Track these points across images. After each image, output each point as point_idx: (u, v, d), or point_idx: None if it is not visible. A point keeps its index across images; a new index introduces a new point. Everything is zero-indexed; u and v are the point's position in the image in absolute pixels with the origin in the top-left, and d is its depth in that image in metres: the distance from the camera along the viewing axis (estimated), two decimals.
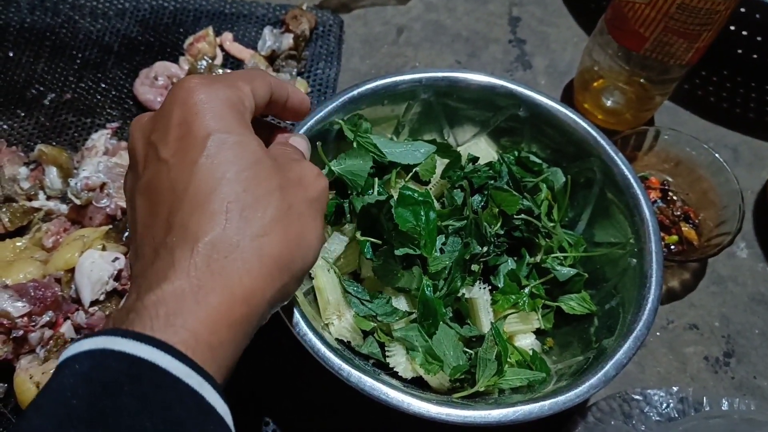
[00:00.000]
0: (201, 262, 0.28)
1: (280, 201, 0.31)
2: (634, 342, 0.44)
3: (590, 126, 0.53)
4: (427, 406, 0.41)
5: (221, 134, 0.30)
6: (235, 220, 0.29)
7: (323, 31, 0.73)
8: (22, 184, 0.58)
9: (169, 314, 0.26)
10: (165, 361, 0.25)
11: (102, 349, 0.25)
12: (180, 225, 0.29)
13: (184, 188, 0.29)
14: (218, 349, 0.27)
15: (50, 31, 0.71)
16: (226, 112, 0.31)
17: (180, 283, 0.27)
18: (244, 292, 0.28)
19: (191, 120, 0.30)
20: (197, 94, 0.31)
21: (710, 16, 0.54)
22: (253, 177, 0.30)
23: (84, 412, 0.23)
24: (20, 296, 0.49)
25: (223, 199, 0.29)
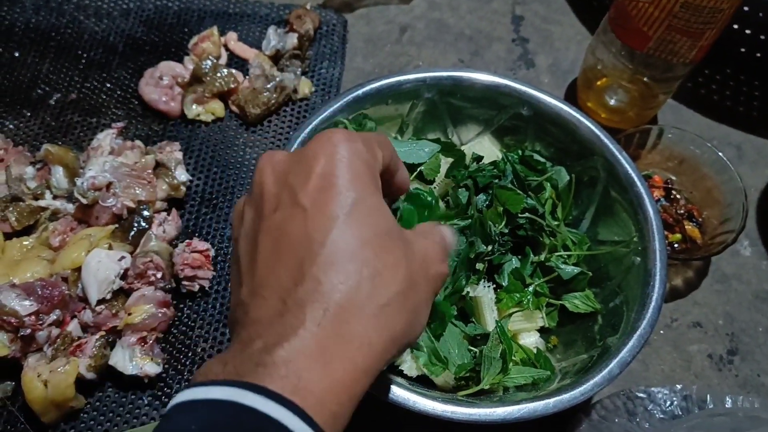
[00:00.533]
0: (330, 325, 0.27)
1: (405, 274, 0.30)
2: (638, 340, 0.44)
3: (594, 124, 0.53)
4: (433, 404, 0.41)
5: (362, 195, 0.30)
6: (367, 286, 0.28)
7: (327, 30, 0.73)
8: (28, 183, 0.58)
9: (299, 376, 0.26)
10: (295, 424, 0.24)
11: (232, 402, 0.25)
12: (313, 278, 0.28)
13: (321, 241, 0.29)
14: (338, 419, 0.27)
15: (55, 31, 0.71)
16: (366, 175, 0.31)
17: (309, 344, 0.27)
18: (365, 363, 0.28)
19: (335, 174, 0.30)
20: (343, 150, 0.31)
21: (714, 14, 0.54)
22: (385, 245, 0.30)
23: None
24: (28, 295, 0.49)
25: (360, 261, 0.29)
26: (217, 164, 0.63)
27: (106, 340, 0.51)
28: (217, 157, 0.63)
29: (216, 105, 0.65)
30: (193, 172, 0.62)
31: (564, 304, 0.51)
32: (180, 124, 0.66)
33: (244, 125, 0.66)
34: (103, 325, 0.51)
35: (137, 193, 0.56)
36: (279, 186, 0.31)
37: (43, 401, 0.48)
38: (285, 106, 0.67)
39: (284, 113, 0.67)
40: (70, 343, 0.50)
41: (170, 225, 0.57)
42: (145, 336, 0.51)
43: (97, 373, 0.50)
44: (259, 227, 0.31)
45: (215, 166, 0.63)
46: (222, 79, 0.65)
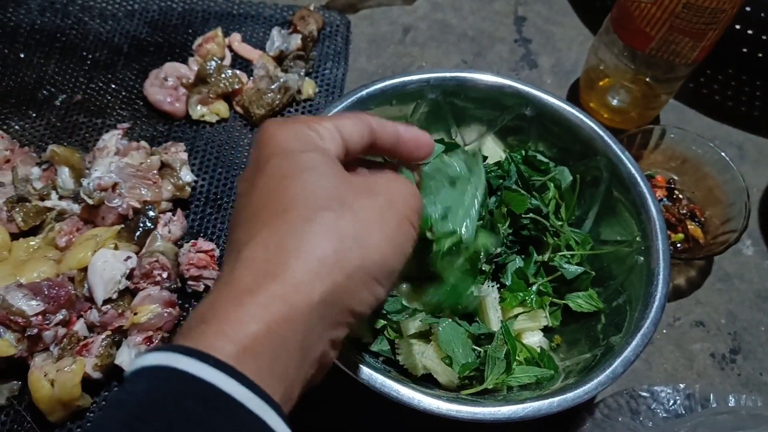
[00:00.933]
0: (242, 267, 0.28)
1: (333, 202, 0.30)
2: (641, 339, 0.44)
3: (596, 125, 0.54)
4: (437, 403, 0.41)
5: (280, 155, 0.31)
6: (281, 224, 0.29)
7: (330, 31, 0.74)
8: (34, 184, 0.58)
9: (207, 321, 0.26)
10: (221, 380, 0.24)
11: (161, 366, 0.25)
12: (234, 240, 0.30)
13: (244, 207, 0.31)
14: (256, 352, 0.26)
15: (60, 32, 0.72)
16: (290, 140, 0.32)
17: (218, 290, 0.28)
18: (282, 289, 0.27)
19: (260, 151, 0.32)
20: (269, 130, 0.32)
21: (716, 15, 0.54)
22: (304, 184, 0.30)
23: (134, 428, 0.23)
24: (34, 295, 0.49)
25: (272, 208, 0.29)
26: (222, 165, 0.63)
27: (113, 340, 0.51)
28: (222, 158, 0.64)
29: (220, 106, 0.66)
30: (198, 173, 0.63)
31: (567, 303, 0.51)
32: (185, 124, 0.66)
33: (248, 126, 0.66)
34: (109, 325, 0.52)
35: (143, 193, 0.57)
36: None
37: (50, 400, 0.48)
38: (289, 106, 0.68)
39: (288, 114, 0.67)
40: (76, 343, 0.51)
41: (175, 225, 0.57)
42: (151, 335, 0.52)
43: (103, 373, 0.50)
44: None
45: (220, 166, 0.63)
46: (226, 80, 0.65)
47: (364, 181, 0.33)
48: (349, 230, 0.29)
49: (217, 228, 0.60)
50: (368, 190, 0.32)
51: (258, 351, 0.26)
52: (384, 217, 0.31)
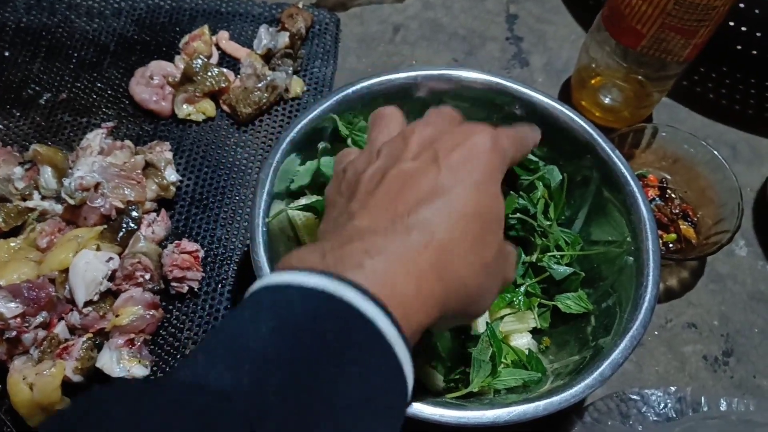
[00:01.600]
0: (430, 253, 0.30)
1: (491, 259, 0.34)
2: (630, 341, 0.44)
3: (587, 124, 0.53)
4: (421, 407, 0.40)
5: (489, 181, 0.34)
6: (466, 245, 0.32)
7: (319, 29, 0.73)
8: (16, 183, 0.57)
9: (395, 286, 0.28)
10: (387, 327, 0.27)
11: (330, 294, 0.26)
12: (425, 216, 0.32)
13: (441, 193, 0.32)
14: (415, 336, 0.29)
15: (46, 30, 0.71)
16: (498, 167, 0.35)
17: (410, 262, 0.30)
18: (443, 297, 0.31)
19: (477, 155, 0.34)
20: (491, 140, 0.35)
21: (708, 12, 0.53)
22: (489, 225, 0.34)
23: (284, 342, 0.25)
24: (14, 297, 0.48)
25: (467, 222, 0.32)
26: (208, 164, 0.63)
27: (93, 343, 0.50)
28: (208, 157, 0.63)
29: (207, 104, 0.65)
30: (184, 173, 0.62)
31: (556, 304, 0.50)
32: (171, 123, 0.65)
33: (235, 125, 0.65)
34: (90, 327, 0.51)
35: (126, 193, 0.56)
36: (424, 146, 0.35)
37: (29, 404, 0.47)
38: (277, 105, 0.67)
39: (276, 113, 0.67)
40: (57, 346, 0.50)
41: (159, 226, 0.57)
42: (133, 338, 0.51)
43: (84, 376, 0.49)
44: (392, 165, 0.34)
45: (206, 166, 0.62)
46: (213, 79, 0.64)
47: (508, 248, 0.37)
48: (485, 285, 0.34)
49: (202, 228, 0.59)
50: (506, 260, 0.37)
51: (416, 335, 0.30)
52: (499, 289, 0.37)
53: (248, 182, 0.62)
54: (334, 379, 0.25)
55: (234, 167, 0.63)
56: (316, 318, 0.26)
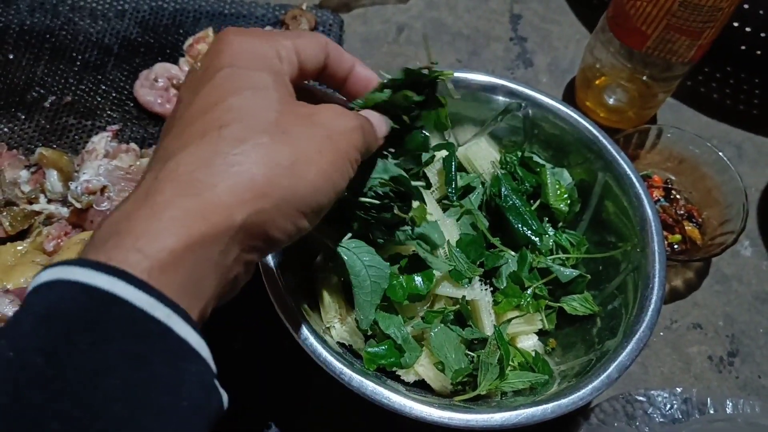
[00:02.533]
0: (163, 178, 0.26)
1: (273, 126, 0.29)
2: (637, 343, 0.44)
3: (592, 125, 0.53)
4: (429, 410, 0.40)
5: (232, 68, 0.30)
6: (215, 139, 0.27)
7: (323, 30, 0.73)
8: (22, 187, 0.57)
9: (120, 233, 0.25)
10: (125, 291, 0.23)
11: (56, 280, 0.23)
12: (163, 147, 0.28)
13: (181, 114, 0.29)
14: (175, 269, 0.25)
15: (50, 33, 0.71)
16: (246, 53, 0.30)
17: (135, 201, 0.26)
18: (202, 206, 0.26)
19: (213, 58, 0.31)
20: (227, 37, 0.31)
21: (713, 13, 0.53)
22: (247, 102, 0.29)
23: (39, 355, 0.22)
24: (21, 300, 0.49)
25: (210, 121, 0.28)
26: None
27: None
28: None
29: None
30: None
31: (562, 306, 0.50)
32: None
33: None
34: None
35: None
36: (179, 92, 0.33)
37: None
38: None
39: None
40: None
41: None
42: None
43: None
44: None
45: None
46: None
47: (308, 110, 0.31)
48: (284, 159, 0.28)
49: None
50: (311, 120, 0.31)
51: (173, 267, 0.25)
52: (322, 151, 0.30)
53: None
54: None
55: None
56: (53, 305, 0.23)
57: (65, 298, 0.23)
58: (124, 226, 0.25)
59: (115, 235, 0.25)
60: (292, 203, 0.29)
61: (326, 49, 0.35)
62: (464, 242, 0.48)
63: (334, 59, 0.35)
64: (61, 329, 0.22)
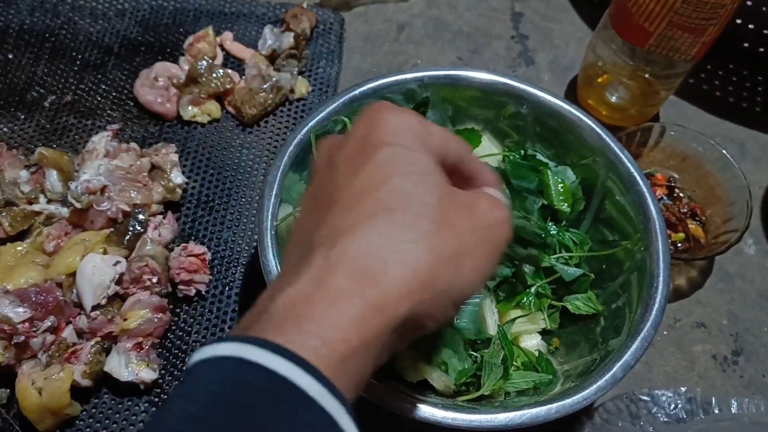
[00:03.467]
0: (338, 263, 0.26)
1: (440, 215, 0.28)
2: (641, 343, 0.43)
3: (594, 123, 0.53)
4: (432, 411, 0.40)
5: (395, 147, 0.29)
6: (384, 224, 0.27)
7: (324, 29, 0.73)
8: (22, 187, 0.57)
9: (300, 317, 0.25)
10: (300, 378, 0.23)
11: (237, 357, 0.24)
12: (329, 223, 0.28)
13: (343, 188, 0.29)
14: (349, 362, 0.25)
15: (50, 32, 0.70)
16: (407, 133, 0.30)
17: (313, 283, 0.26)
18: (378, 298, 0.26)
19: (370, 132, 0.30)
20: (384, 114, 0.31)
21: (716, 10, 0.53)
22: (413, 186, 0.29)
23: (213, 421, 0.23)
24: (21, 301, 0.48)
25: (377, 201, 0.28)
26: (214, 166, 0.62)
27: (102, 346, 0.50)
28: (214, 159, 0.63)
29: (212, 106, 0.65)
30: (189, 175, 0.61)
31: (566, 305, 0.50)
32: (176, 125, 0.65)
33: (240, 126, 0.65)
34: (98, 331, 0.51)
35: (132, 196, 0.56)
36: (326, 159, 0.32)
37: (38, 409, 0.47)
38: (282, 106, 0.66)
39: (281, 113, 0.66)
40: (65, 350, 0.50)
41: (166, 228, 0.56)
42: (141, 341, 0.51)
43: (92, 380, 0.49)
44: (303, 197, 0.32)
45: (212, 167, 0.62)
46: (218, 80, 0.64)
47: (466, 199, 0.31)
48: (446, 250, 0.28)
49: (208, 231, 0.59)
50: (470, 211, 0.30)
51: (349, 360, 0.25)
52: (480, 244, 0.30)
53: (254, 183, 0.62)
54: None
55: (240, 168, 0.62)
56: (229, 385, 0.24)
57: (241, 376, 0.24)
58: (302, 309, 0.25)
59: (293, 318, 0.25)
60: (449, 295, 0.29)
61: (461, 150, 0.34)
62: None
63: (465, 160, 0.34)
64: (237, 402, 0.23)
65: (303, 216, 0.31)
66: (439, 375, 0.45)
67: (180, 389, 0.24)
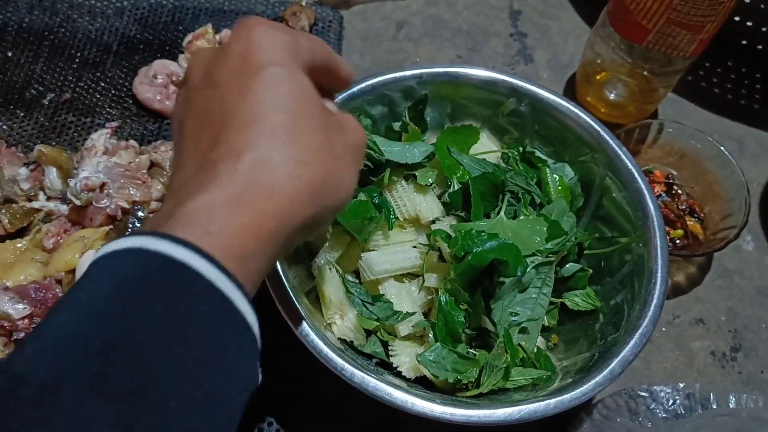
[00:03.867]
0: (241, 177, 0.29)
1: (323, 137, 0.32)
2: (639, 339, 0.44)
3: (593, 120, 0.53)
4: (431, 406, 0.40)
5: (276, 67, 0.31)
6: (280, 143, 0.30)
7: (323, 27, 0.73)
8: (21, 185, 0.57)
9: (205, 222, 0.27)
10: (199, 264, 0.25)
11: (138, 248, 0.26)
12: (226, 141, 0.30)
13: (234, 108, 0.31)
14: (246, 261, 0.28)
15: (49, 30, 0.70)
16: (282, 50, 0.32)
17: (219, 194, 0.28)
18: (275, 209, 0.29)
19: (249, 51, 0.32)
20: (258, 31, 0.32)
21: (714, 7, 0.53)
22: (301, 110, 0.31)
23: (111, 305, 0.24)
24: (21, 298, 0.48)
25: (271, 123, 0.30)
26: None
27: None
28: None
29: None
30: None
31: (564, 302, 0.50)
32: None
33: None
34: None
35: (132, 193, 0.56)
36: (202, 75, 0.33)
37: None
38: None
39: None
40: None
41: None
42: None
43: None
44: (185, 113, 0.33)
45: None
46: None
47: (339, 120, 0.35)
48: (332, 168, 0.32)
49: None
50: (343, 131, 0.34)
51: (248, 262, 0.28)
52: (352, 162, 0.34)
53: None
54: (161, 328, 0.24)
55: None
56: (133, 272, 0.25)
57: (142, 262, 0.25)
58: (207, 215, 0.28)
59: (198, 223, 0.27)
60: (335, 207, 0.33)
61: (328, 53, 0.36)
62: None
63: (330, 61, 0.37)
64: (136, 285, 0.25)
65: (192, 132, 0.32)
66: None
67: (78, 282, 0.26)
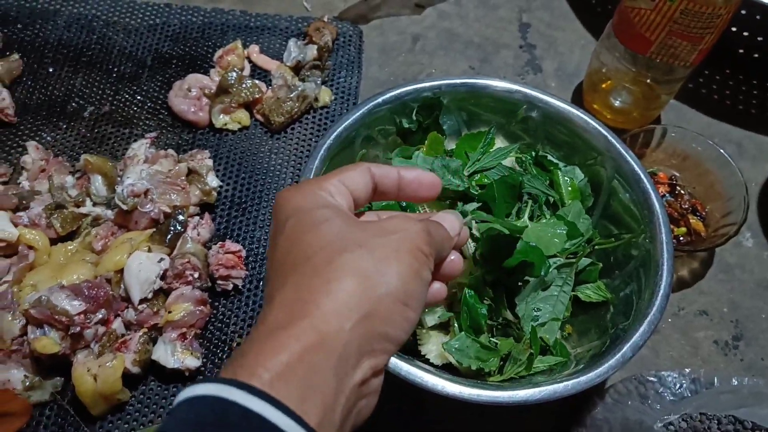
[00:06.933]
0: (274, 311, 0.30)
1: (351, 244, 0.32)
2: (648, 325, 0.47)
3: (601, 125, 0.57)
4: (460, 389, 0.44)
5: (295, 216, 0.33)
6: (307, 268, 0.31)
7: (344, 41, 0.77)
8: (69, 191, 0.61)
9: (245, 355, 0.28)
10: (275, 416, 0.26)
11: (216, 396, 0.26)
12: (265, 296, 0.33)
13: (268, 269, 0.33)
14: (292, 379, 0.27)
15: (86, 47, 0.75)
16: (304, 202, 0.34)
17: (256, 331, 0.30)
18: (314, 321, 0.29)
19: (277, 216, 0.35)
20: (282, 198, 0.35)
21: (712, 19, 0.57)
22: (320, 234, 0.32)
23: None
24: (76, 296, 0.52)
25: (293, 257, 0.32)
26: (245, 170, 0.67)
27: (149, 337, 0.55)
28: (245, 164, 0.67)
29: (242, 114, 0.69)
30: (223, 178, 0.66)
31: (577, 294, 0.54)
32: (208, 133, 0.69)
33: (268, 133, 0.69)
34: (145, 323, 0.55)
35: (173, 198, 0.60)
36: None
37: (93, 394, 0.51)
38: (307, 114, 0.71)
39: (306, 121, 0.71)
40: (115, 340, 0.54)
41: (204, 228, 0.60)
42: (184, 332, 0.55)
43: (141, 367, 0.53)
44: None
45: (243, 172, 0.67)
46: (247, 90, 0.68)
47: (377, 224, 0.35)
48: (369, 265, 0.31)
49: (242, 230, 0.63)
50: (382, 231, 0.34)
51: (290, 377, 0.27)
52: (399, 251, 0.33)
53: (282, 186, 0.66)
54: None
55: (269, 173, 0.67)
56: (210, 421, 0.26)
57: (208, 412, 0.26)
58: (247, 348, 0.29)
59: (240, 357, 0.28)
60: (391, 297, 0.31)
61: (371, 172, 0.38)
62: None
63: (380, 177, 0.38)
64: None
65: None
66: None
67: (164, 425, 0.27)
